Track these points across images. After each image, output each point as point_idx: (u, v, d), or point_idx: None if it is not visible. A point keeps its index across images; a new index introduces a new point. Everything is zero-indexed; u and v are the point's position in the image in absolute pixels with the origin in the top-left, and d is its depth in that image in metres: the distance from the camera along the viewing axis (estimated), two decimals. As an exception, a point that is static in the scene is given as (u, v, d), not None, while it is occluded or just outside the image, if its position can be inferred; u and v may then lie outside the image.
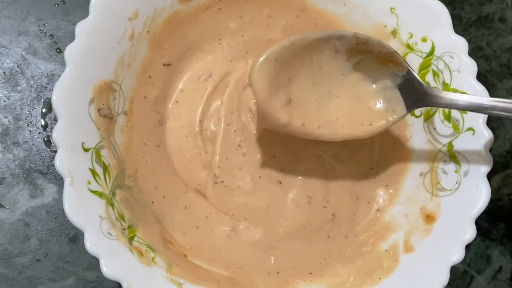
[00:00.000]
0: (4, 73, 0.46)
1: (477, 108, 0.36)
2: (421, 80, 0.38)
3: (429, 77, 0.41)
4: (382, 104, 0.40)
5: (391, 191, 0.45)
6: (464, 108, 0.37)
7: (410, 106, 0.39)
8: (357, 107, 0.40)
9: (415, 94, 0.38)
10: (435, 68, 0.41)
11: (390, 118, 0.40)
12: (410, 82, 0.39)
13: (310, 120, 0.39)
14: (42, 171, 0.45)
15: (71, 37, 0.39)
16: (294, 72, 0.39)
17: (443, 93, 0.38)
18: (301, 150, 0.45)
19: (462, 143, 0.40)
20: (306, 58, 0.39)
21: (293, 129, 0.39)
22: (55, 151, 0.36)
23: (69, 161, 0.36)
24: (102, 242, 0.36)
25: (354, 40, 0.39)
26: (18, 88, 0.46)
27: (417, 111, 0.43)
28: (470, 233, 0.38)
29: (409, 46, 0.42)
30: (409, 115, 0.44)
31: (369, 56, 0.39)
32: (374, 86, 0.40)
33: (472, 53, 0.48)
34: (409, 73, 0.39)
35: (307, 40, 0.38)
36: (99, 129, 0.38)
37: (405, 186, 0.44)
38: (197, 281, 0.40)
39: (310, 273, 0.43)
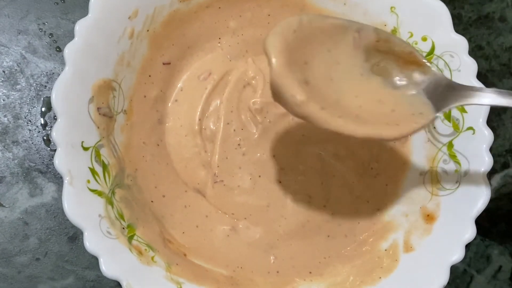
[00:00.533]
0: (4, 71, 0.46)
1: None
2: (449, 79, 0.36)
3: (429, 76, 0.41)
4: (407, 107, 0.36)
5: (391, 190, 0.45)
6: (501, 105, 0.34)
7: (440, 107, 0.35)
8: (379, 108, 0.35)
9: (444, 94, 0.35)
10: (435, 68, 0.41)
11: (421, 121, 0.35)
12: (437, 83, 0.36)
13: (330, 106, 0.34)
14: (42, 170, 0.45)
15: (70, 36, 0.39)
16: (311, 57, 0.35)
17: (477, 89, 0.35)
18: (301, 149, 0.45)
19: (462, 143, 0.40)
20: (324, 46, 0.36)
21: (310, 111, 0.33)
22: (55, 150, 0.36)
23: (68, 160, 0.36)
24: (101, 241, 0.36)
25: (373, 35, 0.36)
26: (18, 87, 0.46)
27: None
28: (470, 232, 0.38)
29: (409, 45, 0.42)
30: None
31: (389, 57, 0.37)
32: (396, 90, 0.36)
33: (472, 53, 0.48)
34: (434, 73, 0.36)
35: (325, 22, 0.35)
36: (98, 128, 0.38)
37: (405, 186, 0.44)
38: (196, 280, 0.40)
39: (310, 273, 0.43)
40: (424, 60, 0.36)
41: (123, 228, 0.38)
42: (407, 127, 0.34)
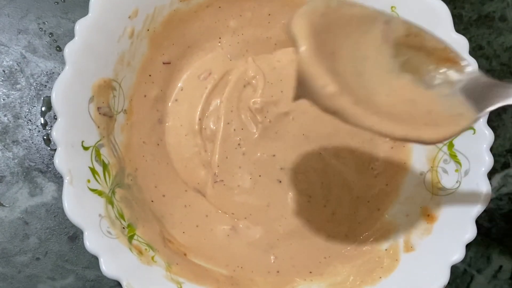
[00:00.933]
0: (4, 71, 0.46)
1: None
2: (489, 77, 0.32)
3: (429, 76, 0.41)
4: (444, 108, 0.32)
5: (391, 190, 0.45)
6: None
7: (481, 107, 0.32)
8: (413, 109, 0.32)
9: (485, 93, 0.32)
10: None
11: (462, 122, 0.31)
12: (476, 81, 0.32)
13: (363, 102, 0.30)
14: (42, 169, 0.45)
15: (70, 35, 0.39)
16: (337, 48, 0.31)
17: None
18: (301, 149, 0.45)
19: (462, 142, 0.40)
20: (351, 37, 0.32)
21: (342, 105, 0.29)
22: (55, 150, 0.36)
23: (68, 160, 0.36)
24: (101, 241, 0.36)
25: (403, 28, 0.33)
26: (18, 86, 0.46)
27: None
28: (470, 232, 0.38)
29: (409, 45, 0.42)
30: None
31: (420, 53, 0.33)
32: (430, 89, 0.33)
33: (473, 52, 0.48)
34: (471, 72, 0.33)
35: (353, 9, 0.32)
36: (98, 127, 0.38)
37: (405, 185, 0.44)
38: (196, 280, 0.40)
39: (310, 272, 0.43)
40: (459, 57, 0.33)
41: (123, 227, 0.38)
42: (448, 130, 0.31)
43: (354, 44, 0.32)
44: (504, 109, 0.48)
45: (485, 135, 0.39)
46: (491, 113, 0.39)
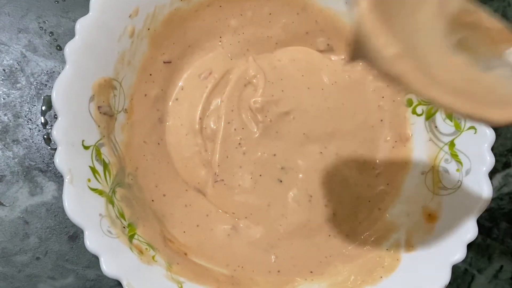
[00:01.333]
0: (4, 70, 0.46)
1: None
2: None
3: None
4: (506, 90, 0.30)
5: (392, 189, 0.45)
6: None
7: None
8: (473, 89, 0.29)
9: None
10: None
11: None
12: None
13: (424, 70, 0.27)
14: (42, 168, 0.45)
15: (71, 34, 0.39)
16: (393, 15, 0.28)
17: None
18: (301, 148, 0.45)
19: (463, 142, 0.40)
20: (405, 8, 0.29)
21: (404, 68, 0.26)
22: (55, 149, 0.36)
23: (69, 159, 0.36)
24: (102, 240, 0.36)
25: (459, 4, 0.30)
26: (18, 85, 0.46)
27: (419, 109, 0.43)
28: (471, 232, 0.38)
29: (410, 44, 0.42)
30: (410, 113, 0.44)
31: (476, 33, 0.31)
32: (488, 70, 0.30)
33: (474, 52, 0.48)
34: None
35: None
36: (99, 126, 0.38)
37: (406, 185, 0.44)
38: (197, 280, 0.40)
39: (311, 272, 0.43)
40: None
41: (124, 227, 0.38)
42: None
43: (408, 15, 0.29)
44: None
45: (486, 135, 0.39)
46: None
